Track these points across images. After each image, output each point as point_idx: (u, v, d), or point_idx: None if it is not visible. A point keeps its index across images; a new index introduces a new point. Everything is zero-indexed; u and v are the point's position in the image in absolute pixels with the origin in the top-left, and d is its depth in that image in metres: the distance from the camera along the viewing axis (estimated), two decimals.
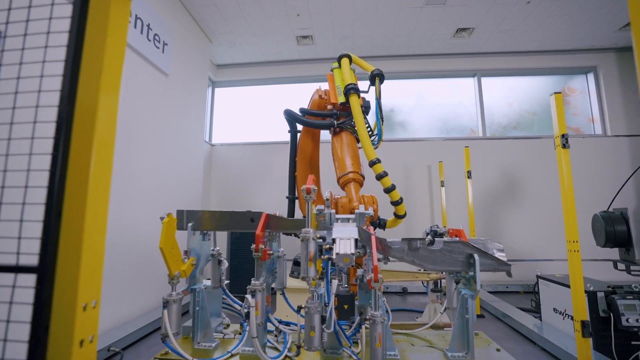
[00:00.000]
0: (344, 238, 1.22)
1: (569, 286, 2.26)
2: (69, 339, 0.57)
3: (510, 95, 5.66)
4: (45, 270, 0.58)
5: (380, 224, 2.66)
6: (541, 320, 3.07)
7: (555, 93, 2.20)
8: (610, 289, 2.54)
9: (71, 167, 0.61)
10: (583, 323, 2.02)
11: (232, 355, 1.53)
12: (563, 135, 2.14)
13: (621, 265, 2.92)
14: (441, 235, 2.06)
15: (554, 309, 2.93)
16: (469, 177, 3.86)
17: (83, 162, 0.62)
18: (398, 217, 2.57)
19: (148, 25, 3.48)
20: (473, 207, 3.90)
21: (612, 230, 2.92)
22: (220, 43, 5.22)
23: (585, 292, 2.53)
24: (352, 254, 1.13)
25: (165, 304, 1.41)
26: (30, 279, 0.58)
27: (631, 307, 2.39)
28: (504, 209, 5.14)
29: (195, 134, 4.70)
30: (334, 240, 1.23)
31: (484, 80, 5.64)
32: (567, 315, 2.80)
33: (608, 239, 2.96)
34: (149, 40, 3.50)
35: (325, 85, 3.25)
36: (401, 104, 5.82)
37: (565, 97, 5.68)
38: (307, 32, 4.84)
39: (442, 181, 4.75)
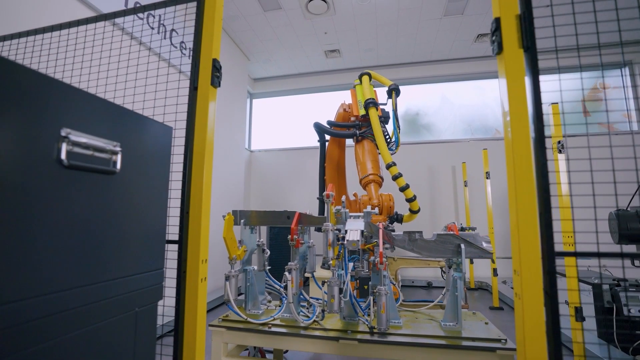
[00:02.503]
0: (353, 229, 1.66)
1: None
2: (196, 278, 1.08)
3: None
4: (182, 242, 1.10)
5: (397, 218, 3.06)
6: None
7: (552, 103, 2.45)
8: (616, 282, 2.72)
9: (193, 184, 1.13)
10: (576, 309, 2.28)
11: (274, 319, 2.02)
12: (559, 142, 2.40)
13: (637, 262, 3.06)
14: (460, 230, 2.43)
15: (565, 301, 3.13)
16: (487, 178, 4.09)
17: (198, 181, 1.13)
18: (413, 212, 2.96)
19: (179, 41, 4.11)
20: (492, 207, 4.12)
21: (625, 227, 3.06)
22: (257, 60, 5.83)
23: (591, 284, 2.74)
24: (358, 240, 1.57)
25: (227, 278, 1.95)
26: (175, 247, 1.10)
27: (634, 299, 2.57)
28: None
29: (237, 143, 5.34)
30: (346, 231, 1.68)
31: None
32: None
33: (622, 236, 3.10)
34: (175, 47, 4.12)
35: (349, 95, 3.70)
36: (426, 107, 6.07)
37: (597, 94, 5.61)
38: (334, 47, 5.29)
39: (465, 181, 4.98)
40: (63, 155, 0.62)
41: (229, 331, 1.99)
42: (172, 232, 1.13)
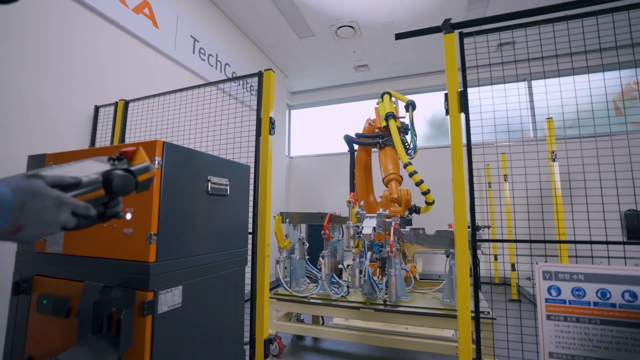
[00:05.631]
0: (367, 226, 2.26)
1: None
2: (263, 255, 1.76)
3: (564, 95, 5.77)
4: (255, 233, 1.79)
5: (415, 210, 3.59)
6: None
7: (547, 118, 2.82)
8: None
9: (260, 197, 1.81)
10: None
11: (312, 294, 2.68)
12: (553, 152, 2.77)
13: None
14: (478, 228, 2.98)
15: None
16: (505, 181, 4.42)
17: (262, 195, 1.81)
18: (428, 204, 3.48)
19: (246, 81, 4.92)
20: (513, 208, 4.44)
21: (632, 225, 3.33)
22: (294, 77, 6.56)
23: None
24: (370, 234, 2.17)
25: (277, 262, 2.64)
26: (250, 237, 1.79)
27: None
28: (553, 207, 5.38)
29: (279, 151, 6.11)
30: (362, 227, 2.29)
31: (535, 83, 5.87)
32: None
33: (630, 232, 3.37)
34: (247, 91, 4.95)
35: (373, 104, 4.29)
36: None
37: (631, 93, 5.58)
38: (363, 63, 5.84)
39: (489, 183, 5.28)
40: (209, 189, 1.30)
41: (279, 302, 2.68)
42: (250, 228, 1.82)
